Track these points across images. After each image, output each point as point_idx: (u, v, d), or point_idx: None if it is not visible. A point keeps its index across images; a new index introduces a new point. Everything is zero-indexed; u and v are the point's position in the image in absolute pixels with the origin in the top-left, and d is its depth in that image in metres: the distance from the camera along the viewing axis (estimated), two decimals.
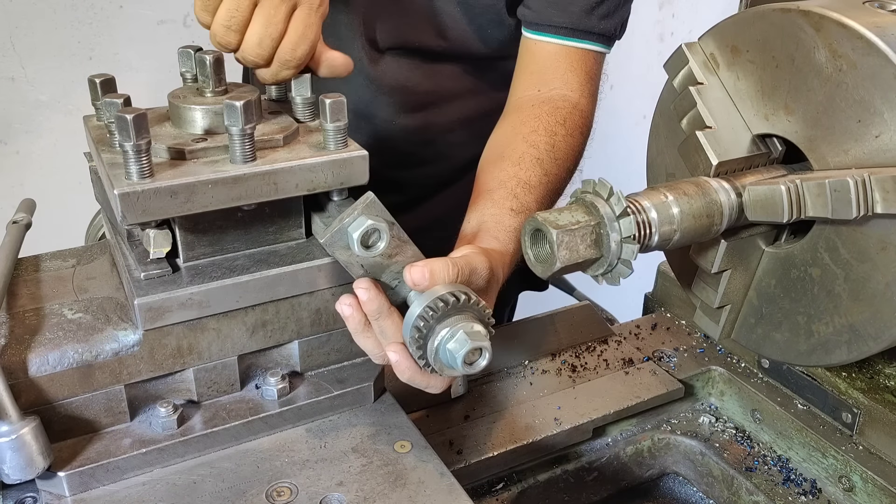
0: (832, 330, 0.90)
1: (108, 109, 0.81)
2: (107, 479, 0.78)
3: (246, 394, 0.86)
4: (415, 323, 0.77)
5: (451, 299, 0.77)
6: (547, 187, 1.08)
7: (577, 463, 1.12)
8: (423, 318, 0.77)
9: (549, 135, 1.12)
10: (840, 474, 1.05)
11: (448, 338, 0.76)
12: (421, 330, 0.77)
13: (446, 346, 0.76)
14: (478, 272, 0.84)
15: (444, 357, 0.77)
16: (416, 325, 0.77)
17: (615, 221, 0.80)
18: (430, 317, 0.77)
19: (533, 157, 1.08)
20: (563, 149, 1.13)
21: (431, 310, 0.76)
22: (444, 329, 0.77)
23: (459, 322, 0.77)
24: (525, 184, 1.05)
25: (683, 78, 0.97)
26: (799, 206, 0.83)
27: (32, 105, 1.99)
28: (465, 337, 0.76)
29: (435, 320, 0.77)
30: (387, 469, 0.81)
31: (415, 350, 0.78)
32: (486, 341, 0.77)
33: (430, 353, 0.78)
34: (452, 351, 0.76)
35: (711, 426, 1.19)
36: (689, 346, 1.28)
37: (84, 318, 0.80)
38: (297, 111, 0.89)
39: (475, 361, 0.77)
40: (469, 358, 0.76)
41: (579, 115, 1.18)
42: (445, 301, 0.77)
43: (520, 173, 1.06)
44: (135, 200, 0.73)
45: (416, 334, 0.77)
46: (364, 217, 0.76)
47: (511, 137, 1.14)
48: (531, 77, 1.22)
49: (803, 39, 0.86)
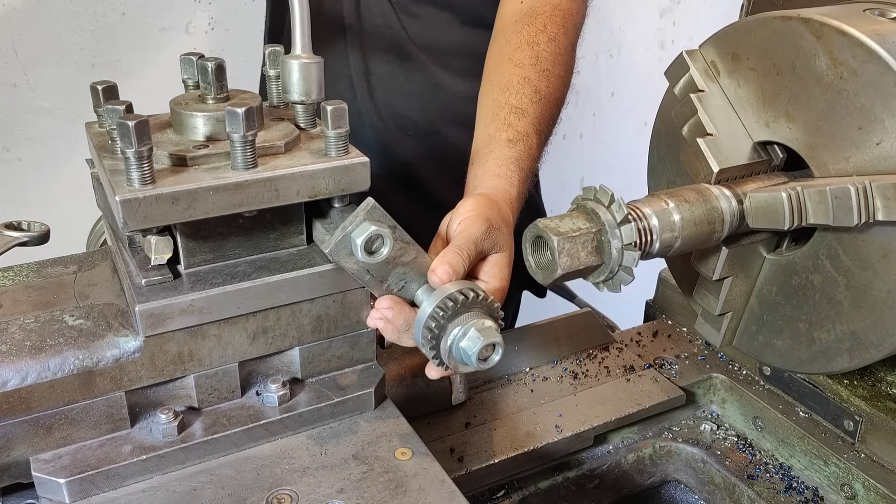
0: (834, 337, 0.90)
1: (109, 116, 0.81)
2: (107, 486, 0.77)
3: (246, 400, 0.86)
4: (426, 324, 0.78)
5: (460, 297, 0.77)
6: (540, 105, 1.08)
7: (578, 470, 1.12)
8: (434, 319, 0.77)
9: (532, 47, 1.11)
10: (842, 482, 1.05)
11: (461, 336, 0.77)
12: (433, 330, 0.78)
13: (459, 345, 0.77)
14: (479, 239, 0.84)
15: (458, 355, 0.78)
16: (427, 326, 0.78)
17: (616, 228, 0.80)
18: (441, 316, 0.77)
19: (520, 78, 1.08)
20: (547, 58, 1.12)
21: (441, 309, 0.77)
22: (455, 327, 0.77)
23: (471, 319, 0.77)
24: (517, 109, 1.05)
25: (684, 85, 0.97)
26: (800, 214, 0.83)
27: (35, 112, 1.99)
28: (477, 334, 0.77)
29: (446, 319, 0.77)
30: (387, 476, 0.81)
31: (428, 350, 0.79)
32: (499, 336, 0.78)
33: (443, 351, 0.78)
34: (466, 349, 0.77)
35: (713, 434, 1.19)
36: (691, 354, 1.28)
37: (85, 324, 0.80)
38: (299, 118, 0.89)
39: (489, 357, 0.78)
40: (483, 354, 0.77)
41: (560, 15, 1.17)
42: (455, 300, 0.77)
43: (510, 99, 1.06)
44: (136, 207, 0.73)
45: (429, 335, 0.78)
46: (367, 223, 0.76)
47: (498, 61, 1.13)
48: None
49: (804, 47, 0.86)
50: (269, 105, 0.95)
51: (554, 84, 1.12)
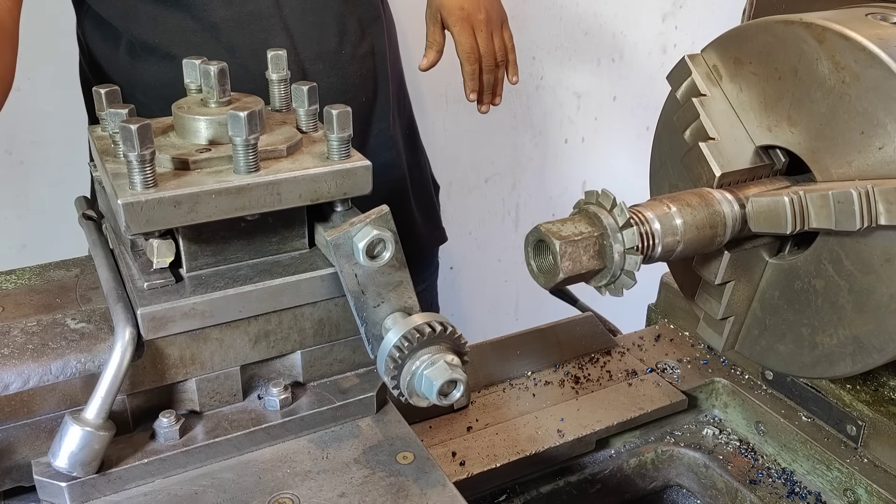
0: (836, 342, 0.90)
1: (112, 120, 0.81)
2: (108, 490, 0.77)
3: (248, 404, 0.86)
4: (390, 353, 0.76)
5: (426, 329, 0.76)
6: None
7: (580, 475, 1.12)
8: (399, 349, 0.76)
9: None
10: (845, 487, 1.05)
11: (422, 371, 0.75)
12: (396, 360, 0.76)
13: (422, 379, 0.75)
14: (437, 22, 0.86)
15: (419, 386, 0.76)
16: (390, 356, 0.76)
17: (618, 232, 0.80)
18: (406, 347, 0.75)
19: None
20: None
21: (407, 340, 0.75)
22: (417, 361, 0.76)
23: (435, 353, 0.76)
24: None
25: (686, 89, 0.97)
26: (802, 218, 0.83)
27: (37, 116, 2.00)
28: (437, 371, 0.75)
29: (410, 350, 0.76)
30: (389, 480, 0.81)
31: (389, 380, 0.77)
32: (461, 373, 0.76)
33: (403, 384, 0.76)
34: (427, 384, 0.75)
35: (715, 438, 1.19)
36: (693, 358, 1.28)
37: (87, 327, 0.80)
38: (301, 121, 0.90)
39: (450, 393, 0.76)
40: (444, 390, 0.75)
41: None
42: (422, 332, 0.75)
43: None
44: (139, 210, 0.73)
45: (392, 364, 0.76)
46: (369, 228, 0.77)
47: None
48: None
49: (806, 51, 0.86)
50: (272, 109, 0.95)
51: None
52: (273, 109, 0.95)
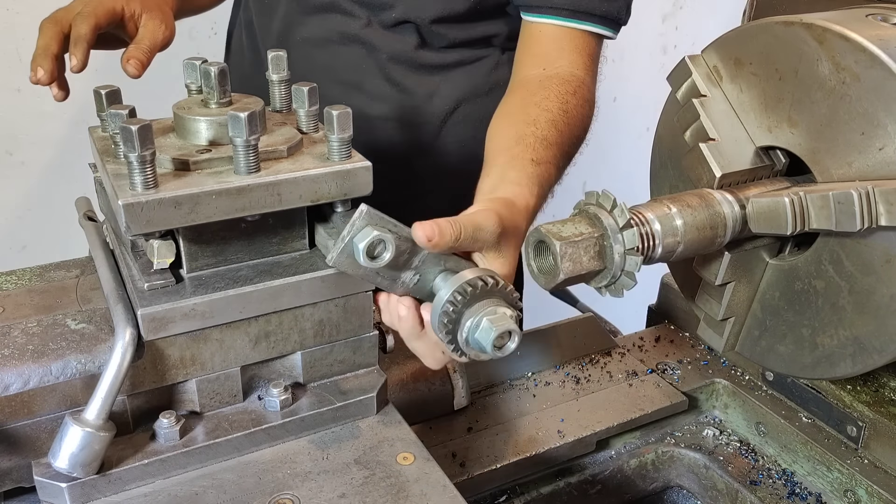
0: (836, 342, 0.90)
1: (113, 120, 0.81)
2: (108, 490, 0.77)
3: (248, 405, 0.86)
4: (443, 308, 0.77)
5: (479, 283, 0.76)
6: (562, 148, 1.07)
7: (580, 476, 1.12)
8: (452, 303, 0.76)
9: (562, 102, 1.11)
10: (845, 488, 1.05)
11: (477, 323, 0.76)
12: (450, 315, 0.77)
13: (476, 331, 0.76)
14: (483, 228, 0.82)
15: (474, 342, 0.77)
16: (444, 311, 0.77)
17: (619, 233, 0.80)
18: (459, 301, 0.76)
19: (547, 120, 1.07)
20: (575, 115, 1.12)
21: (460, 294, 0.76)
22: (472, 314, 0.76)
23: (488, 306, 0.77)
24: (543, 140, 1.03)
25: (687, 90, 0.97)
26: (803, 219, 0.83)
27: (38, 116, 2.00)
28: (493, 321, 0.76)
29: (463, 305, 0.76)
30: (389, 481, 0.81)
31: (444, 336, 0.78)
32: (515, 324, 0.77)
33: (460, 338, 0.77)
34: (482, 336, 0.76)
35: (715, 439, 1.19)
36: (693, 359, 1.28)
37: (87, 328, 0.80)
38: (301, 122, 0.90)
39: (505, 345, 0.77)
40: (499, 342, 0.76)
41: (587, 90, 1.17)
42: (474, 285, 0.76)
43: (536, 132, 1.04)
44: (139, 211, 0.73)
45: (445, 319, 0.77)
46: (368, 228, 0.76)
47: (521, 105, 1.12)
48: (534, 58, 1.21)
49: (806, 52, 0.86)
50: (272, 109, 0.95)
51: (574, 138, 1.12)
52: (273, 110, 0.95)
